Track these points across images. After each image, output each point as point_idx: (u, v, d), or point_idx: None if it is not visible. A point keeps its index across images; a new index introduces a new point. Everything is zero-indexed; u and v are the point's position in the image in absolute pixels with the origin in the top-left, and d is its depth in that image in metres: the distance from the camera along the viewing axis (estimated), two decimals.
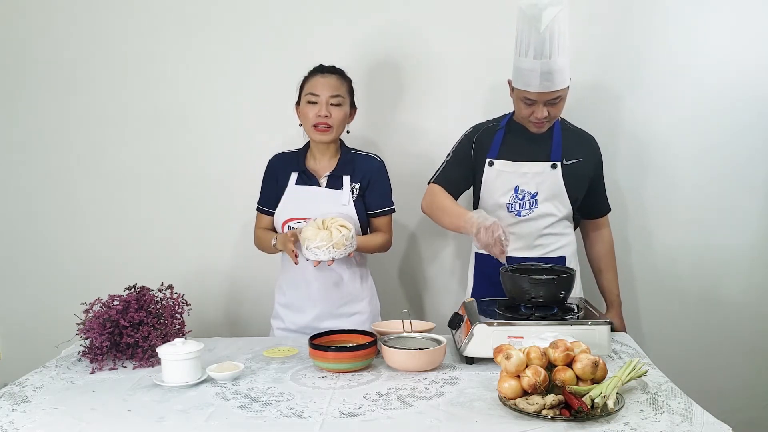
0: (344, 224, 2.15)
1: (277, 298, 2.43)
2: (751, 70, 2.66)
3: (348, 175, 2.33)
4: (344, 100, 2.29)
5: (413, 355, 1.81)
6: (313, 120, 2.26)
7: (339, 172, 2.33)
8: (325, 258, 2.12)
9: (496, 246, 1.99)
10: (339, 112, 2.27)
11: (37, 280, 2.91)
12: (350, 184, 2.32)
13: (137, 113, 2.82)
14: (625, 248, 2.73)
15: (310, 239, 2.11)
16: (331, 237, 2.10)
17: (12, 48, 2.80)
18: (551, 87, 2.13)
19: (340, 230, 2.13)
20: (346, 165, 2.34)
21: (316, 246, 2.10)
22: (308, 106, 2.27)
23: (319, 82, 2.28)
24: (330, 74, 2.30)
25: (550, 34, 2.08)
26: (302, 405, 1.61)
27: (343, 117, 2.29)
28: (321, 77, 2.29)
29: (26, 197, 2.88)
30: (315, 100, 2.26)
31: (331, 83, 2.28)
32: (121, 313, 1.95)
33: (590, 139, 2.36)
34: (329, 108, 2.25)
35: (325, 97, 2.25)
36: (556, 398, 1.48)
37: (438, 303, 2.84)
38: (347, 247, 2.13)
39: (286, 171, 2.36)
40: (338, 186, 2.32)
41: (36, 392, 1.75)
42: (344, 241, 2.11)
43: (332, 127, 2.26)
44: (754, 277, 2.77)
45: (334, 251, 2.11)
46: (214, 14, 2.75)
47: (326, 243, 2.10)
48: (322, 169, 2.35)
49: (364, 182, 2.34)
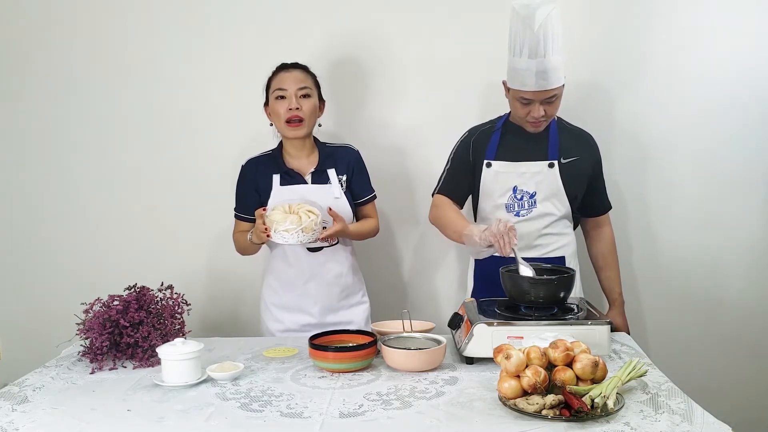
0: (311, 210, 2.15)
1: (270, 299, 2.40)
2: (752, 69, 2.66)
3: (332, 168, 2.35)
4: (312, 92, 2.30)
5: (413, 355, 1.81)
6: (284, 115, 2.26)
7: (323, 167, 2.35)
8: (293, 242, 2.11)
9: (507, 234, 1.97)
10: (308, 103, 2.28)
11: (37, 280, 2.91)
12: (337, 177, 2.34)
13: (137, 113, 2.82)
14: (626, 248, 2.73)
15: (278, 222, 2.10)
16: (301, 221, 2.10)
17: (13, 48, 2.80)
18: (547, 86, 2.14)
19: (308, 215, 2.13)
20: (327, 159, 2.36)
21: (285, 229, 2.10)
22: (277, 102, 2.28)
23: (285, 77, 2.29)
24: (294, 69, 2.32)
25: (543, 33, 2.10)
26: (302, 405, 1.61)
27: (313, 109, 2.30)
28: (286, 72, 2.31)
29: (26, 197, 2.88)
30: (283, 94, 2.27)
31: (297, 76, 2.29)
32: (121, 313, 1.95)
33: (588, 137, 2.37)
34: (299, 100, 2.26)
35: (293, 90, 2.26)
36: (556, 398, 1.48)
37: (438, 303, 2.84)
38: (315, 233, 2.13)
39: (266, 174, 2.35)
40: (324, 180, 2.34)
41: (36, 392, 1.75)
42: (313, 225, 2.11)
43: (304, 120, 2.27)
44: (754, 277, 2.77)
45: (303, 235, 2.10)
46: (213, 17, 2.75)
47: (295, 226, 2.09)
48: (305, 166, 2.35)
49: (348, 173, 2.37)
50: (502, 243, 1.97)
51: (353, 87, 2.77)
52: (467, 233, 2.11)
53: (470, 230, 2.10)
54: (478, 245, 2.06)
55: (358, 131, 2.76)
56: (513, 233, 1.98)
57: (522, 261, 1.99)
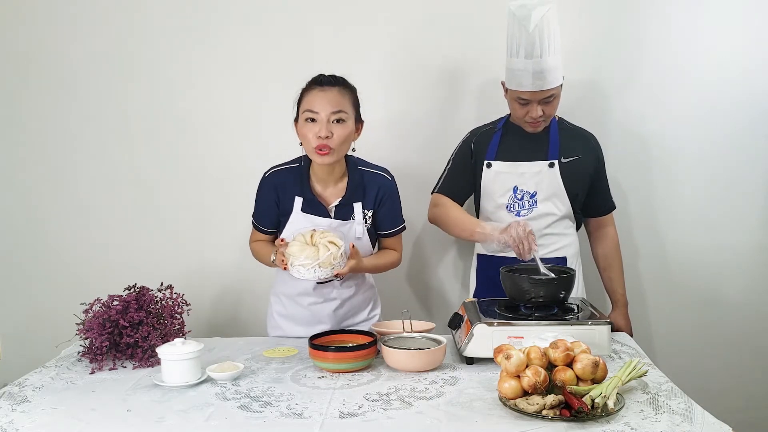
0: (333, 240, 1.96)
1: (276, 308, 2.31)
2: (752, 68, 2.66)
3: (359, 202, 2.13)
4: (347, 116, 2.03)
5: (413, 355, 1.81)
6: (313, 141, 2.01)
7: (350, 200, 2.13)
8: (310, 277, 1.95)
9: (527, 239, 2.01)
10: (342, 130, 2.02)
11: (37, 280, 2.91)
12: (362, 212, 2.14)
13: (137, 114, 2.81)
14: (630, 248, 2.73)
15: (295, 256, 1.94)
16: (318, 255, 1.92)
17: (14, 49, 2.79)
18: (544, 86, 2.15)
19: (328, 247, 1.94)
20: (356, 190, 2.13)
21: (300, 264, 1.93)
22: (307, 125, 2.02)
23: (317, 97, 2.02)
24: (330, 87, 2.04)
25: (539, 34, 2.11)
26: (302, 405, 1.61)
27: (347, 135, 2.04)
28: (320, 91, 2.03)
29: (26, 197, 2.88)
30: (314, 117, 2.01)
31: (332, 98, 2.01)
32: (120, 313, 1.95)
33: (588, 137, 2.37)
34: (330, 126, 2.00)
35: (325, 114, 2.00)
36: (556, 398, 1.48)
37: (441, 305, 2.84)
38: (335, 267, 1.95)
39: (289, 193, 2.15)
40: (347, 215, 2.14)
41: (36, 392, 1.74)
42: (331, 260, 1.93)
43: (334, 149, 2.02)
44: (755, 277, 2.77)
45: (320, 270, 1.93)
46: (217, 16, 2.74)
47: (311, 261, 1.92)
48: (330, 195, 2.14)
49: (375, 205, 2.16)
50: (522, 248, 2.02)
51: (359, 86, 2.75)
52: (481, 231, 2.14)
53: (483, 229, 2.14)
54: (494, 245, 2.10)
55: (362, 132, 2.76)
56: (532, 238, 2.02)
57: (542, 265, 2.01)
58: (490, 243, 2.12)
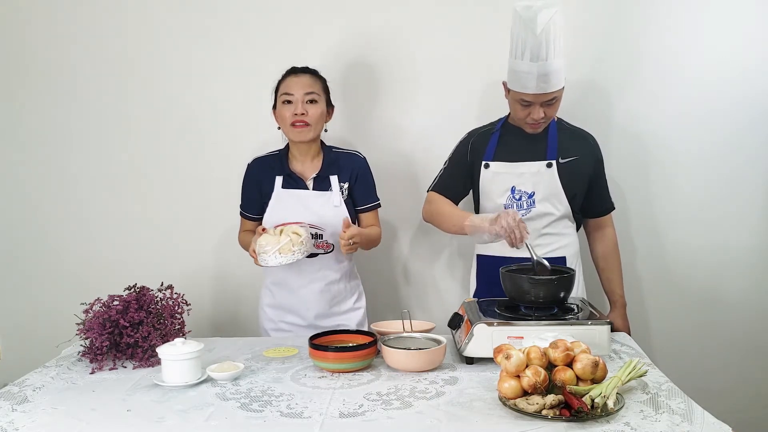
0: (297, 231, 2.13)
1: (265, 300, 2.44)
2: (752, 68, 2.66)
3: (335, 175, 2.34)
4: (319, 98, 2.29)
5: (413, 355, 1.81)
6: (289, 119, 2.26)
7: (325, 173, 2.34)
8: (273, 263, 2.11)
9: (518, 228, 2.00)
10: (315, 109, 2.27)
11: (37, 280, 2.91)
12: (339, 184, 2.34)
13: (137, 114, 2.82)
14: (629, 248, 2.73)
15: (260, 245, 2.11)
16: (278, 242, 2.09)
17: (14, 48, 2.80)
18: (548, 89, 2.14)
19: (290, 236, 2.11)
20: (331, 165, 2.35)
21: (263, 251, 2.10)
22: (284, 107, 2.28)
23: (292, 82, 2.29)
24: (303, 74, 2.31)
25: (546, 37, 2.09)
26: (302, 405, 1.61)
27: (320, 114, 2.29)
28: (294, 77, 2.30)
29: (26, 197, 2.88)
30: (290, 99, 2.27)
31: (305, 82, 2.29)
32: (121, 313, 1.95)
33: (587, 137, 2.37)
34: (305, 106, 2.26)
35: (299, 95, 2.26)
36: (556, 398, 1.48)
37: (438, 304, 2.84)
38: (295, 253, 2.10)
39: (270, 175, 2.36)
40: (326, 187, 2.34)
41: (36, 392, 1.75)
42: (291, 246, 2.09)
43: (310, 124, 2.26)
44: (755, 277, 2.77)
45: (281, 257, 2.09)
46: (217, 14, 2.74)
47: (272, 248, 2.09)
48: (308, 170, 2.36)
49: (351, 180, 2.36)
50: (514, 237, 2.01)
51: (356, 87, 2.76)
52: (470, 224, 2.14)
53: (473, 221, 2.13)
54: (484, 237, 2.09)
55: (359, 132, 2.76)
56: (523, 226, 2.02)
57: (535, 253, 2.01)
58: (481, 235, 2.11)
